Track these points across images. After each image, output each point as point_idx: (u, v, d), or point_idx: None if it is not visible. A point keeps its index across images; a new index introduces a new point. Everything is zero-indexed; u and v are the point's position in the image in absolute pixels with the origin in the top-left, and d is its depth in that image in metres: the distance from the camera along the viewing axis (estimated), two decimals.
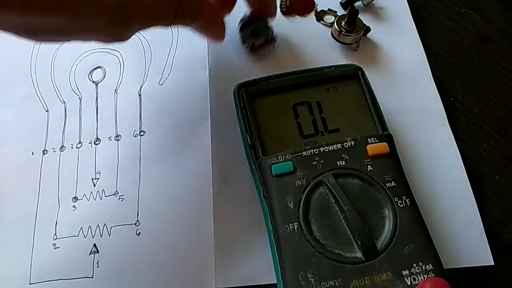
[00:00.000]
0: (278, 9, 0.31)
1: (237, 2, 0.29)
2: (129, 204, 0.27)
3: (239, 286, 0.24)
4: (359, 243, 0.22)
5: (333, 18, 0.33)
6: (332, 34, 0.32)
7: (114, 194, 0.28)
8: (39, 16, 0.19)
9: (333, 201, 0.23)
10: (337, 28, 0.31)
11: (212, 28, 0.28)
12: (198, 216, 0.26)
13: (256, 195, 0.25)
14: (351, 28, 0.30)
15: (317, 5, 0.33)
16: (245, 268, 0.25)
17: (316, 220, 0.23)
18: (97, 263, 0.25)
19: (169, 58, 0.32)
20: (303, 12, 0.32)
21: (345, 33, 0.31)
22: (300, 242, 0.22)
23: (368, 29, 0.32)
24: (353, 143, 0.25)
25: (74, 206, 0.27)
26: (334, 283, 0.21)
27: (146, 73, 0.32)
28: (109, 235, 0.26)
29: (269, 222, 0.23)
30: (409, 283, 0.21)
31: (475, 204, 0.26)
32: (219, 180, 0.27)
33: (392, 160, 0.24)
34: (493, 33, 0.33)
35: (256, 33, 0.30)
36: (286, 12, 0.33)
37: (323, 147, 0.25)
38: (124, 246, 0.26)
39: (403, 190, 0.24)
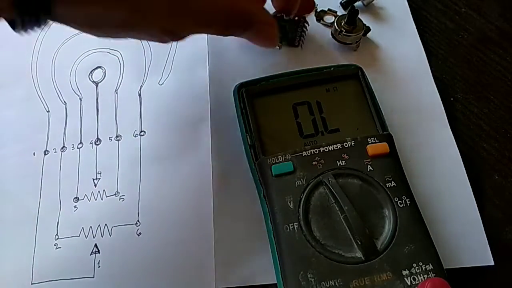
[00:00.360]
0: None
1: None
2: (130, 204, 0.27)
3: (239, 286, 0.24)
4: (359, 243, 0.22)
5: (333, 18, 0.33)
6: (332, 34, 0.32)
7: (114, 194, 0.28)
8: (103, 10, 0.20)
9: (333, 201, 0.23)
10: (337, 28, 0.31)
11: (266, 37, 0.27)
12: (198, 216, 0.26)
13: (256, 195, 0.25)
14: (351, 28, 0.30)
15: (317, 5, 0.33)
16: (245, 268, 0.25)
17: (316, 220, 0.23)
18: (98, 263, 0.25)
19: (169, 58, 0.32)
20: (303, 12, 0.32)
21: (345, 33, 0.31)
22: (300, 242, 0.22)
23: (368, 29, 0.32)
24: (353, 143, 0.25)
25: (75, 207, 0.27)
26: (334, 283, 0.21)
27: (146, 73, 0.32)
28: (110, 235, 0.26)
29: (269, 222, 0.24)
30: (409, 283, 0.21)
31: (475, 204, 0.26)
32: (219, 180, 0.27)
33: (392, 160, 0.25)
34: (493, 33, 0.33)
35: (281, 31, 0.30)
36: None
37: (323, 147, 0.25)
38: (124, 246, 0.26)
39: (403, 190, 0.24)
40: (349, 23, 0.30)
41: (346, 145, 0.25)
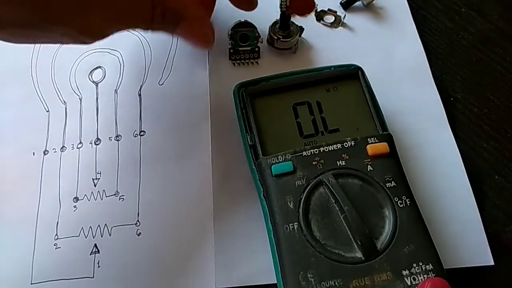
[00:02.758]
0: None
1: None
2: (130, 204, 0.27)
3: (239, 286, 0.24)
4: (359, 243, 0.22)
5: (333, 18, 0.33)
6: (268, 43, 0.31)
7: (114, 194, 0.28)
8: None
9: (333, 201, 0.23)
10: (273, 36, 0.31)
11: (199, 32, 0.27)
12: (198, 216, 0.26)
13: (256, 195, 0.25)
14: (286, 33, 0.30)
15: (317, 5, 0.33)
16: (245, 268, 0.25)
17: (316, 220, 0.23)
18: (98, 263, 0.25)
19: (169, 58, 0.32)
20: (303, 12, 0.32)
21: (282, 40, 0.30)
22: (300, 242, 0.22)
23: (302, 29, 0.31)
24: (353, 143, 0.25)
25: (75, 206, 0.27)
26: (334, 283, 0.21)
27: (146, 73, 0.32)
28: (110, 235, 0.26)
29: (269, 222, 0.24)
30: (409, 283, 0.21)
31: (475, 204, 0.26)
32: (219, 180, 0.27)
33: (392, 160, 0.25)
34: (493, 33, 0.33)
35: (245, 39, 0.30)
36: (286, 12, 0.33)
37: (323, 147, 0.25)
38: (124, 246, 0.26)
39: (403, 190, 0.24)
40: (283, 28, 0.30)
41: (346, 145, 0.25)
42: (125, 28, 0.24)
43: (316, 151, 0.24)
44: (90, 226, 0.27)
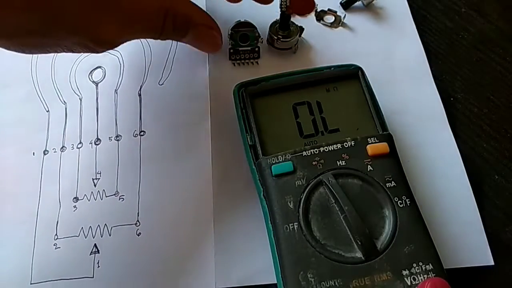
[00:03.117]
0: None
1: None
2: (130, 204, 0.27)
3: (239, 286, 0.24)
4: (359, 243, 0.22)
5: (333, 18, 0.33)
6: (268, 43, 0.31)
7: (114, 194, 0.28)
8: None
9: (333, 201, 0.23)
10: (273, 36, 0.31)
11: (207, 38, 0.27)
12: (198, 216, 0.26)
13: (256, 195, 0.25)
14: (287, 33, 0.30)
15: (317, 5, 0.33)
16: (245, 268, 0.25)
17: (316, 220, 0.23)
18: (98, 263, 0.25)
19: (169, 58, 0.32)
20: (303, 12, 0.32)
21: (283, 40, 0.30)
22: (300, 242, 0.22)
23: (302, 29, 0.31)
24: (353, 143, 0.25)
25: (74, 206, 0.27)
26: (334, 283, 0.21)
27: (146, 73, 0.32)
28: (110, 235, 0.26)
29: (269, 222, 0.24)
30: (409, 283, 0.21)
31: (475, 204, 0.26)
32: (219, 180, 0.27)
33: (392, 160, 0.25)
34: (493, 33, 0.33)
35: (245, 39, 0.30)
36: (286, 12, 0.33)
37: (323, 147, 0.25)
38: (124, 246, 0.26)
39: (403, 190, 0.24)
40: (283, 28, 0.30)
41: (346, 145, 0.25)
42: (136, 38, 0.24)
43: (316, 151, 0.24)
44: (90, 226, 0.27)
